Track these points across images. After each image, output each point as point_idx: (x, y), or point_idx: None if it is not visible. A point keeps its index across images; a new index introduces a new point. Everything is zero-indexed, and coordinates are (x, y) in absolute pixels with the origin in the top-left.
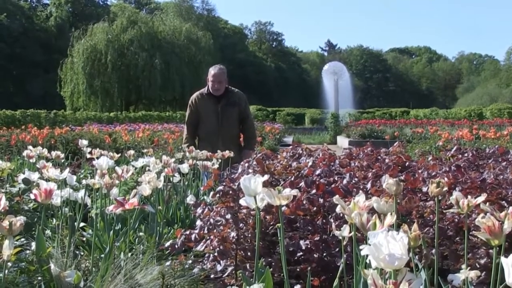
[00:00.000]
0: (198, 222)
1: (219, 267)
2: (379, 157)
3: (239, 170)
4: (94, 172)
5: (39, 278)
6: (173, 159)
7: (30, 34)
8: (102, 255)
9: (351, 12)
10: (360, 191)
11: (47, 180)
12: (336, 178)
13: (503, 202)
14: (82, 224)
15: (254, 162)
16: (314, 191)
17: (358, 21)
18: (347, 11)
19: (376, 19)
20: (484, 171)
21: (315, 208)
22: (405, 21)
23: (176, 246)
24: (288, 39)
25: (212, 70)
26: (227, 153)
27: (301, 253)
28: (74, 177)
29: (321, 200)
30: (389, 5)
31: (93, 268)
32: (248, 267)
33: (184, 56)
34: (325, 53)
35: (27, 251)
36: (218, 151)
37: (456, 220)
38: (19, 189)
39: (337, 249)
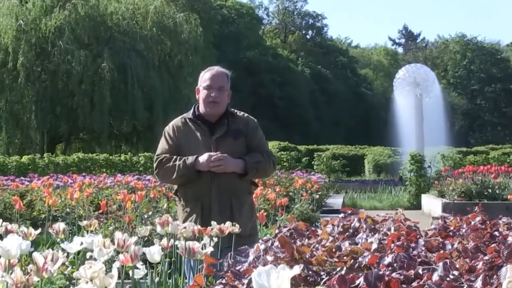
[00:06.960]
0: None
1: None
2: (496, 233)
3: (250, 258)
4: None
5: None
6: (134, 238)
7: None
8: None
9: None
10: None
11: None
12: (420, 271)
13: None
14: None
15: (276, 243)
16: None
17: None
18: None
19: None
20: None
21: None
22: None
23: None
24: (334, 26)
25: (206, 72)
26: (228, 227)
27: None
28: None
29: None
30: None
31: None
32: None
33: (153, 56)
34: (399, 49)
35: None
36: (213, 222)
37: None
38: None
39: None
